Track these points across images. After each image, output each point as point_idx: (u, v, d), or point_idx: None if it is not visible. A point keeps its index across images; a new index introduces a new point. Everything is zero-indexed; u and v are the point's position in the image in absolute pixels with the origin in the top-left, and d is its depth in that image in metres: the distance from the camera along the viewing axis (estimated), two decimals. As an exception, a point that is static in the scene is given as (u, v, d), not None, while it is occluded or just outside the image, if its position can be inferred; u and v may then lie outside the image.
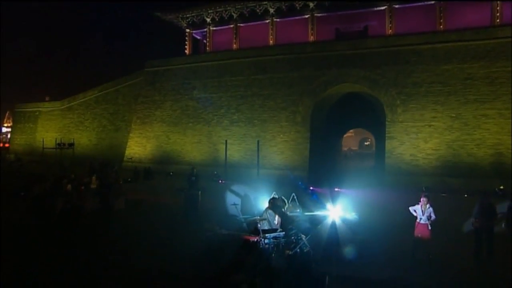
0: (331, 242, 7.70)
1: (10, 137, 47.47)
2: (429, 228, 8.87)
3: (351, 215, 9.22)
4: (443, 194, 19.40)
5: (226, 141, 25.75)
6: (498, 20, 25.52)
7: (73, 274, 7.49)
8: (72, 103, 41.51)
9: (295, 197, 7.96)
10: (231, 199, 12.67)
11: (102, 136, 38.11)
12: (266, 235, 6.42)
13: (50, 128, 42.69)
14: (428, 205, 8.96)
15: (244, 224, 8.66)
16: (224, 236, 7.02)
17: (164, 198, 15.28)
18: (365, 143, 71.02)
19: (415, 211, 9.14)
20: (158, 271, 7.57)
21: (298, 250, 6.04)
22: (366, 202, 13.49)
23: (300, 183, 17.07)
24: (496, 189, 19.73)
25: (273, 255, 6.48)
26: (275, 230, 6.77)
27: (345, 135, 52.72)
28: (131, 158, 32.45)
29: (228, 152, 26.59)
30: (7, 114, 71.13)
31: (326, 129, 31.40)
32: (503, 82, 23.19)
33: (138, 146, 33.01)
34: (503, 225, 10.72)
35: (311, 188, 13.87)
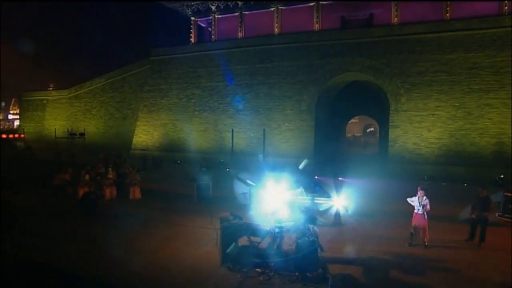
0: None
1: (19, 125, 48.13)
2: (425, 217, 9.51)
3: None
4: (444, 183, 19.88)
5: (232, 130, 26.21)
6: (506, 7, 25.41)
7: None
8: (79, 92, 41.95)
9: (302, 190, 8.49)
10: (240, 188, 13.25)
11: (110, 124, 38.69)
12: (278, 225, 7.10)
13: (58, 116, 43.30)
14: (424, 197, 9.56)
15: (253, 213, 9.23)
16: (239, 226, 7.65)
17: (177, 188, 15.94)
18: (369, 130, 71.17)
19: (412, 202, 9.73)
20: (184, 258, 8.34)
21: (306, 238, 6.64)
22: (370, 192, 14.03)
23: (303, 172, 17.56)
24: (497, 178, 20.22)
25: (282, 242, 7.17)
26: (285, 221, 7.43)
27: (349, 122, 53.25)
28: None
29: (234, 140, 27.08)
30: (12, 101, 71.75)
31: (331, 117, 31.76)
32: (508, 72, 23.28)
33: (146, 134, 33.58)
34: (497, 214, 11.27)
35: (316, 177, 14.32)
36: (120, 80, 38.50)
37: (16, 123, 56.74)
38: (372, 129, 68.41)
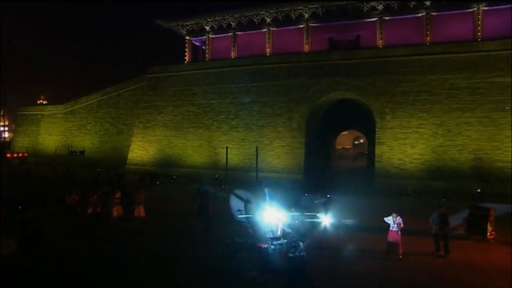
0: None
1: (13, 139, 48.42)
2: (399, 234, 10.89)
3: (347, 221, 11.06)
4: (424, 199, 21.23)
5: (227, 147, 27.34)
6: (479, 34, 27.40)
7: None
8: (74, 107, 42.71)
9: (294, 209, 9.67)
10: (236, 205, 14.38)
11: (105, 139, 39.45)
12: (273, 242, 8.26)
13: (53, 131, 43.88)
14: (398, 217, 10.96)
15: (250, 230, 10.36)
16: (240, 243, 8.77)
17: (178, 206, 16.99)
18: (358, 142, 72.90)
19: (388, 220, 11.14)
20: (192, 271, 9.40)
21: (297, 253, 7.76)
22: (356, 209, 15.32)
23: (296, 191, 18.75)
24: (474, 192, 21.68)
25: (277, 257, 8.30)
26: (279, 238, 8.59)
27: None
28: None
29: (228, 156, 28.19)
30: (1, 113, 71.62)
31: (321, 132, 33.14)
32: (483, 92, 25.10)
33: (141, 150, 34.48)
34: (463, 229, 12.61)
35: (306, 194, 15.50)
36: (116, 96, 39.47)
37: (4, 135, 56.54)
38: (361, 140, 70.17)
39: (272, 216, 9.57)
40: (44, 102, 60.41)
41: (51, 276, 8.99)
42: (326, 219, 10.30)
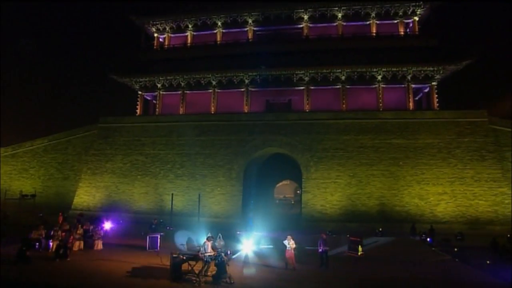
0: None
1: None
2: (292, 252, 15.06)
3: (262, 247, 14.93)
4: (342, 236, 25.72)
5: (172, 194, 30.16)
6: (381, 105, 34.68)
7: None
8: (17, 150, 42.78)
9: (220, 236, 13.41)
10: (179, 240, 17.59)
11: (49, 184, 39.82)
12: (206, 255, 12.12)
13: (-13, 174, 42.94)
14: (292, 240, 15.14)
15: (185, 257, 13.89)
16: (184, 257, 12.33)
17: (130, 241, 19.52)
18: (298, 191, 78.45)
19: (285, 242, 15.20)
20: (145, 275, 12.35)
21: (219, 259, 11.62)
22: (274, 239, 19.22)
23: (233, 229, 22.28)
24: (377, 230, 26.79)
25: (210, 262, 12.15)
26: (210, 253, 12.40)
27: (281, 183, 59.41)
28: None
29: (173, 202, 30.90)
30: None
31: (258, 182, 37.38)
32: (383, 151, 31.54)
33: (87, 195, 35.76)
34: (345, 250, 17.15)
35: (238, 232, 19.11)
36: (64, 142, 40.69)
37: None
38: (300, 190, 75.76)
39: (207, 245, 13.24)
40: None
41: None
42: (247, 245, 14.04)
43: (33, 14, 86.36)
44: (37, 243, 15.27)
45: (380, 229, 26.94)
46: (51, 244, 15.34)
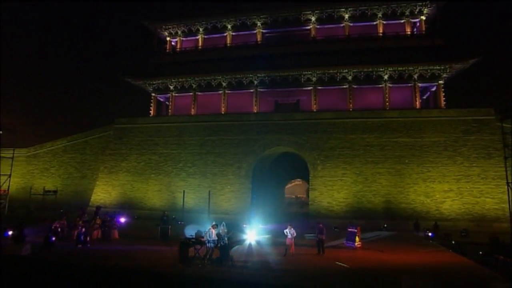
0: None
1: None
2: (292, 239, 16.03)
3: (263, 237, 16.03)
4: (336, 229, 26.45)
5: (184, 191, 31.53)
6: (387, 104, 35.19)
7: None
8: (39, 151, 45.02)
9: (224, 224, 14.64)
10: (189, 232, 18.86)
11: (68, 183, 41.82)
12: (210, 239, 13.78)
13: (14, 173, 45.25)
14: (292, 229, 16.07)
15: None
16: (189, 239, 13.86)
17: (143, 232, 21.22)
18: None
19: (286, 231, 16.15)
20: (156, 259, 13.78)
21: (222, 243, 13.04)
22: (275, 230, 20.38)
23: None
24: (382, 227, 27.44)
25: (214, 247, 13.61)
26: (214, 239, 13.90)
27: (293, 184, 60.20)
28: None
29: (184, 200, 32.25)
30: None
31: (268, 181, 38.39)
32: (389, 149, 32.08)
33: (104, 193, 37.49)
34: (344, 241, 18.04)
35: (244, 225, 20.21)
36: (82, 143, 42.66)
37: None
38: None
39: (213, 233, 14.47)
40: None
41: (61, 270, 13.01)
42: (251, 235, 15.16)
43: (50, 19, 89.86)
44: (61, 231, 16.85)
45: (385, 226, 27.60)
46: (73, 232, 16.90)
